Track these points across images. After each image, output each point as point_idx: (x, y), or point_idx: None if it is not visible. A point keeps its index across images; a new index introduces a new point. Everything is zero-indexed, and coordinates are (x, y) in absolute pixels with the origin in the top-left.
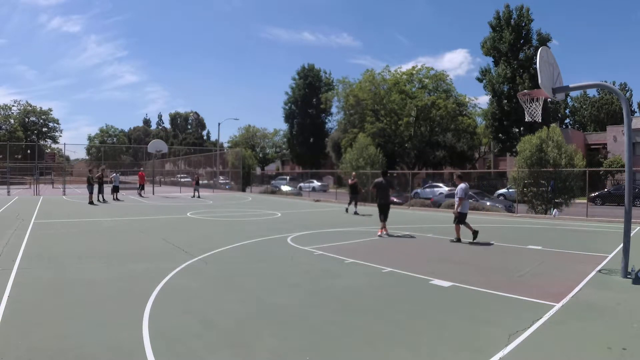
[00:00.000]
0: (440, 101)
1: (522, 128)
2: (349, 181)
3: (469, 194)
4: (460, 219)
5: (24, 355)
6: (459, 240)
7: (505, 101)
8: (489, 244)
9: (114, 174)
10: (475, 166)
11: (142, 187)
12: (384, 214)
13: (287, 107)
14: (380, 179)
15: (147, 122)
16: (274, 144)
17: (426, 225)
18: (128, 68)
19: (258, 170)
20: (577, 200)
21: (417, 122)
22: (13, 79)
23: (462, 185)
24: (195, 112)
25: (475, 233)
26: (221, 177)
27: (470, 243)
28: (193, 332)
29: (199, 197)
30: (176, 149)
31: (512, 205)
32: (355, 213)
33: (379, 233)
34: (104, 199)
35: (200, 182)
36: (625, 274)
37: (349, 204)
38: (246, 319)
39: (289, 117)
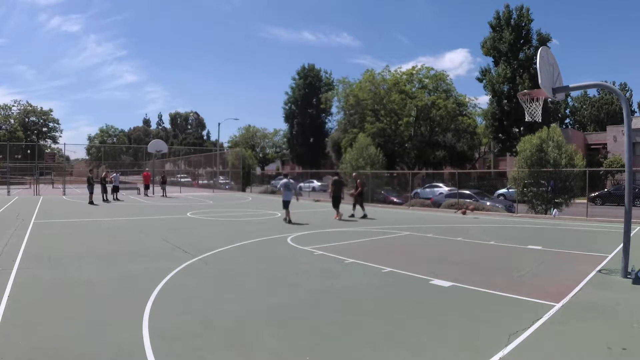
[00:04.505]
0: (440, 101)
1: (522, 128)
2: (357, 184)
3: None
4: (283, 205)
5: (24, 355)
6: (289, 221)
7: (505, 101)
8: (488, 244)
9: (114, 174)
10: (475, 166)
11: (147, 188)
12: (338, 203)
13: (287, 107)
14: (336, 178)
15: (147, 122)
16: (274, 144)
17: (426, 225)
18: (128, 68)
19: (258, 170)
20: (577, 200)
21: (417, 122)
22: (13, 78)
23: (283, 180)
24: (195, 112)
25: (286, 220)
26: (221, 177)
27: (289, 222)
28: (193, 332)
29: (165, 195)
30: (176, 149)
31: (512, 205)
32: (364, 216)
33: (336, 217)
34: (107, 199)
35: (167, 180)
36: (625, 274)
37: (354, 207)
38: (246, 319)
39: (289, 117)
